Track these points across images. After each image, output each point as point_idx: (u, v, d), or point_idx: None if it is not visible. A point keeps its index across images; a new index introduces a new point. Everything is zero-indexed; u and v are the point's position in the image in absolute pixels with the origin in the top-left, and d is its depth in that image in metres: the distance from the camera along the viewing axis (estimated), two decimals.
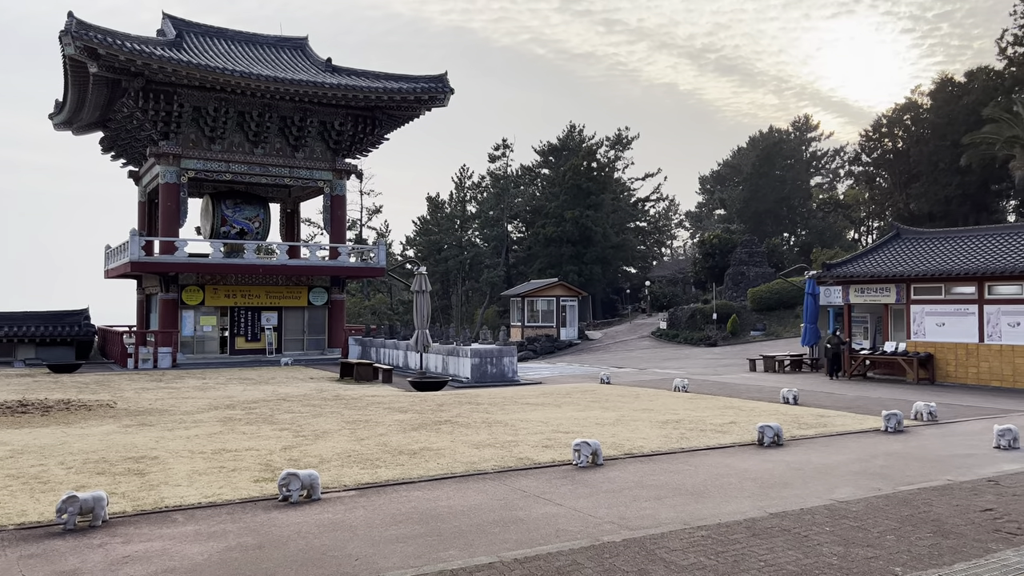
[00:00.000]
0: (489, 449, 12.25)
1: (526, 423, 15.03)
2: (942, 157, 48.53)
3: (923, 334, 24.43)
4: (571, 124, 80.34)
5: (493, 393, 21.27)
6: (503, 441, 12.97)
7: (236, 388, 22.58)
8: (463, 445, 12.60)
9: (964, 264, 23.25)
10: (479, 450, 12.15)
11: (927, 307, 24.33)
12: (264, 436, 13.61)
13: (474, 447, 12.42)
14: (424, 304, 27.42)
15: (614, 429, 14.24)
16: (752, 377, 27.15)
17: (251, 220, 37.79)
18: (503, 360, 26.73)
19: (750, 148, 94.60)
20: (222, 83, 32.24)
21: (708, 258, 53.66)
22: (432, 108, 37.41)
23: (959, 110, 48.14)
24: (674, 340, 44.73)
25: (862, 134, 58.99)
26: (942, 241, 26.41)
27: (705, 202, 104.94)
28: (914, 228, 29.15)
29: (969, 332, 23.18)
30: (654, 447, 12.49)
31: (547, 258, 68.00)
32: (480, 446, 12.51)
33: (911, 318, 24.78)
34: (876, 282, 25.57)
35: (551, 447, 12.42)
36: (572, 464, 11.16)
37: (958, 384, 23.21)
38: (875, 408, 17.64)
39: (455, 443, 12.79)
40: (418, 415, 16.31)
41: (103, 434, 13.88)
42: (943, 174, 48.63)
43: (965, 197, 45.96)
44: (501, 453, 11.90)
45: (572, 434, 13.62)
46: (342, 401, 19.15)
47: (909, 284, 24.77)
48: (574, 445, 11.25)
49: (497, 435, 13.60)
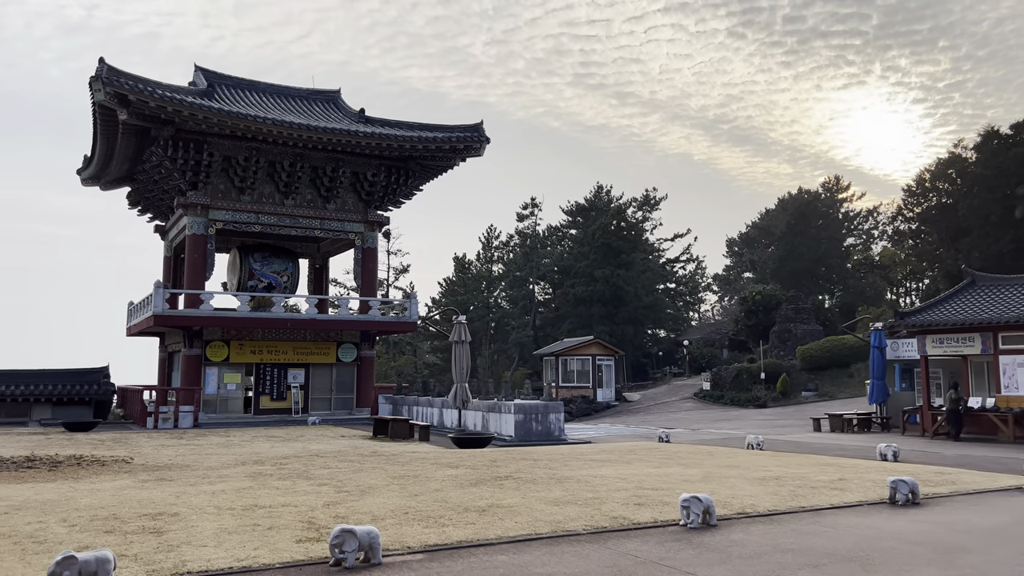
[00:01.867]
0: (571, 507, 10.23)
1: (600, 479, 12.98)
2: (993, 210, 46.61)
3: (1016, 387, 22.13)
4: (598, 184, 79.44)
5: (546, 450, 19.20)
6: (584, 498, 10.94)
7: (263, 445, 20.66)
8: (538, 502, 10.59)
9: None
10: (559, 507, 10.14)
11: (1020, 358, 22.10)
12: (301, 491, 11.68)
13: (552, 504, 10.41)
14: (464, 355, 25.60)
15: (706, 486, 12.16)
16: (823, 437, 24.83)
17: (279, 274, 36.43)
18: (549, 417, 24.70)
19: (779, 210, 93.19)
20: (253, 131, 31.32)
21: (751, 315, 51.48)
22: (467, 158, 36.30)
23: (1008, 161, 46.45)
24: (719, 401, 42.31)
25: (905, 189, 57.38)
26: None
27: (733, 264, 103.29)
28: (991, 274, 27.07)
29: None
30: (768, 505, 10.41)
31: (577, 318, 66.13)
32: (559, 503, 10.50)
33: (1001, 370, 22.53)
34: (959, 331, 23.42)
35: (645, 505, 10.38)
36: (679, 524, 9.15)
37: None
38: (991, 466, 15.42)
39: (527, 500, 10.78)
40: (472, 470, 14.31)
41: (116, 489, 12.01)
42: (995, 228, 46.61)
43: (1019, 251, 43.83)
44: (588, 511, 9.88)
45: (661, 491, 11.57)
46: (382, 457, 17.17)
47: (997, 332, 22.61)
48: (681, 501, 9.23)
49: (573, 492, 11.57)
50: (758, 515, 9.85)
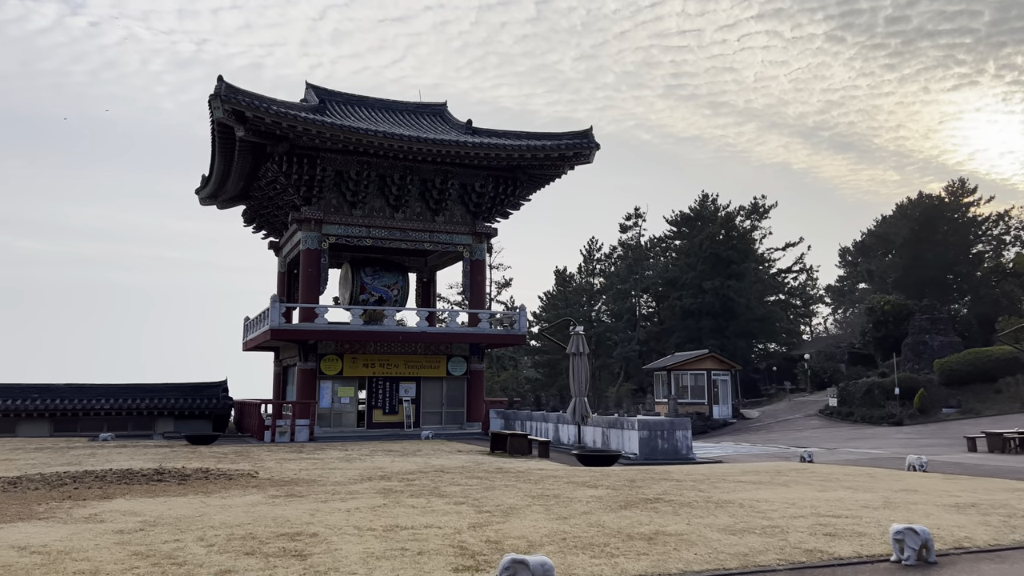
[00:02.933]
0: (750, 536, 8.93)
1: (767, 504, 11.58)
2: None
3: None
4: (703, 193, 76.90)
5: (682, 470, 17.80)
6: (758, 526, 9.61)
7: (383, 460, 20.11)
8: (708, 529, 9.33)
9: None
10: (737, 536, 8.86)
11: None
12: (439, 511, 10.81)
13: (726, 532, 9.13)
14: (582, 368, 24.48)
15: (894, 513, 10.60)
16: (986, 458, 22.35)
17: (390, 288, 36.35)
18: (676, 434, 23.21)
19: (899, 216, 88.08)
20: (364, 144, 31.33)
21: (879, 327, 48.13)
22: (576, 166, 35.33)
23: None
24: (848, 419, 39.52)
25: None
26: None
27: (847, 275, 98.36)
28: None
29: None
30: (986, 539, 8.82)
31: (684, 332, 63.83)
32: (733, 531, 9.21)
33: None
34: None
35: (837, 536, 8.96)
36: (891, 560, 7.75)
37: None
38: None
39: (695, 527, 9.54)
40: (613, 491, 13.14)
41: (248, 505, 11.48)
42: None
43: None
44: (772, 542, 8.57)
45: (846, 519, 10.10)
46: (509, 474, 16.22)
47: None
48: (894, 533, 7.82)
49: (742, 518, 10.24)
50: (980, 550, 8.30)
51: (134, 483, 14.35)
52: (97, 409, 34.03)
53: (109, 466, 17.82)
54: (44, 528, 9.48)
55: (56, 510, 10.99)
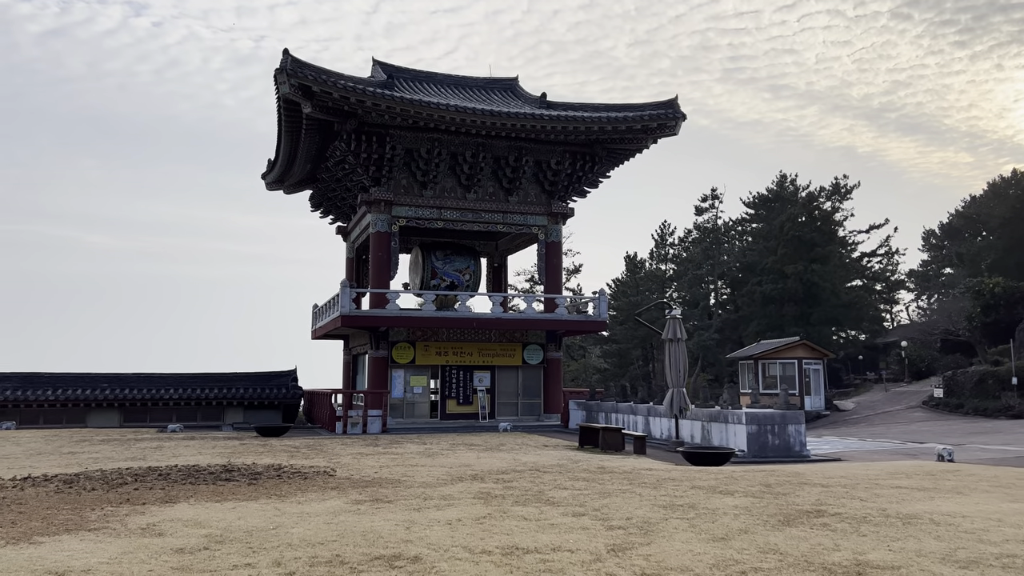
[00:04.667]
0: (992, 572, 6.70)
1: (965, 520, 9.26)
2: None
3: None
4: (781, 174, 73.11)
5: (812, 471, 15.47)
6: (989, 554, 7.35)
7: (467, 455, 18.30)
8: (926, 560, 7.12)
9: None
10: (973, 572, 6.65)
11: None
12: (560, 525, 8.84)
13: (954, 565, 6.91)
14: (680, 356, 22.24)
15: None
16: None
17: (461, 272, 34.61)
18: (788, 429, 20.83)
19: (991, 195, 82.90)
20: (436, 120, 29.56)
21: (988, 311, 44.31)
22: (659, 138, 32.92)
23: None
24: (958, 411, 36.22)
25: None
26: None
27: (932, 259, 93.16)
28: None
29: None
30: None
31: (765, 319, 60.58)
32: (962, 564, 6.99)
33: None
34: None
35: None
36: None
37: None
38: None
39: (903, 555, 7.34)
40: (755, 499, 10.99)
41: (329, 513, 9.72)
42: None
43: None
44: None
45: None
46: (616, 475, 14.18)
47: None
48: None
49: (952, 541, 7.98)
50: None
51: (200, 482, 12.82)
52: (166, 399, 33.27)
53: (175, 461, 16.44)
54: (92, 544, 7.86)
55: (110, 518, 9.41)
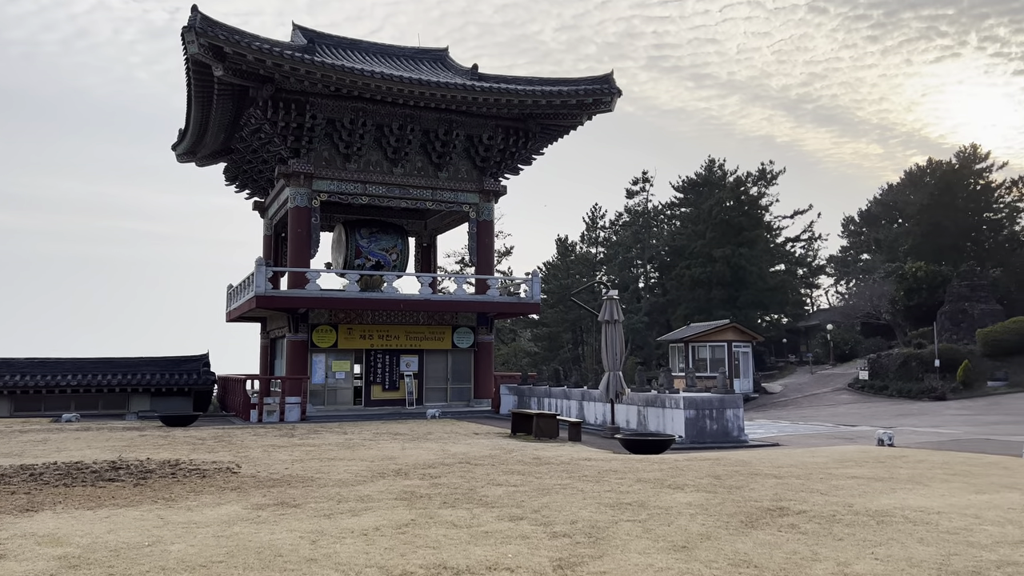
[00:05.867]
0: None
1: (941, 517, 8.41)
2: None
3: None
4: (710, 158, 73.46)
5: (756, 458, 14.65)
6: (987, 562, 6.43)
7: (391, 446, 16.88)
8: (920, 571, 6.14)
9: None
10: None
11: None
12: (495, 533, 7.58)
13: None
14: (616, 338, 21.31)
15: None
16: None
17: (388, 251, 32.93)
18: (726, 413, 20.18)
19: (907, 183, 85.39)
20: (360, 87, 27.75)
21: (911, 295, 45.15)
22: (594, 115, 31.88)
23: None
24: (882, 393, 36.65)
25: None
26: None
27: (851, 245, 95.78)
28: None
29: None
30: None
31: (693, 302, 60.80)
32: (960, 575, 6.03)
33: None
34: None
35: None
36: None
37: None
38: None
39: (892, 566, 6.34)
40: (709, 495, 9.97)
41: (222, 523, 8.21)
42: None
43: None
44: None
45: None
46: (554, 466, 13.03)
47: None
48: None
49: (940, 545, 7.06)
50: None
51: (77, 484, 11.06)
52: (63, 386, 30.61)
53: (56, 457, 14.51)
54: None
55: None
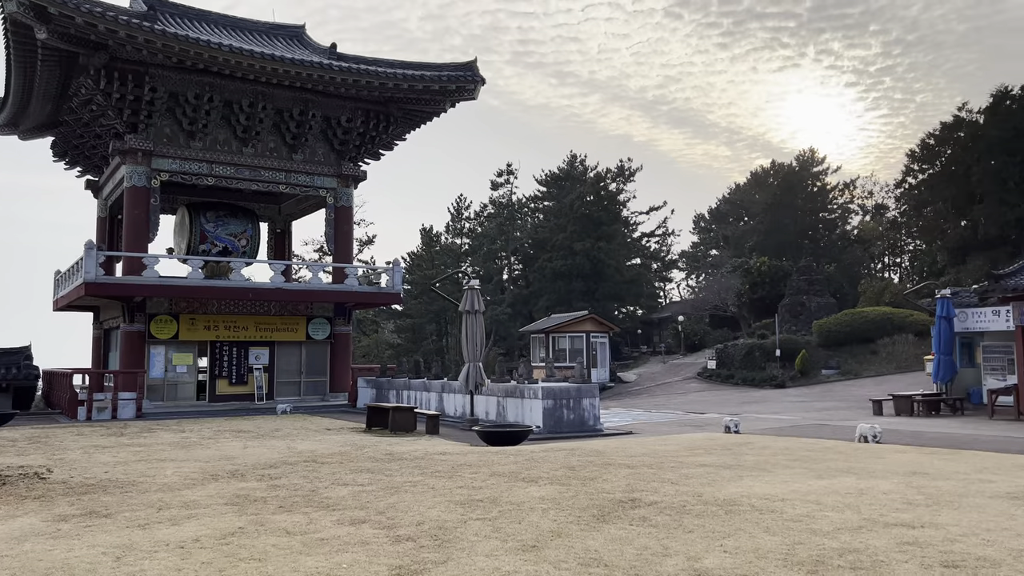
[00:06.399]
0: (847, 575, 5.73)
1: (786, 505, 8.52)
2: (1011, 175, 43.61)
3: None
4: (572, 154, 74.96)
5: (609, 447, 14.68)
6: (831, 550, 6.44)
7: (233, 444, 15.71)
8: (770, 563, 6.05)
9: None
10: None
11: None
12: (332, 540, 6.92)
13: (803, 571, 5.89)
14: (477, 328, 20.98)
15: (960, 515, 7.83)
16: (904, 422, 20.97)
17: (236, 237, 31.08)
18: (583, 403, 20.35)
19: (753, 184, 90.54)
20: (206, 60, 25.90)
21: (756, 288, 47.72)
22: (458, 102, 31.37)
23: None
24: (728, 381, 38.48)
25: (908, 154, 54.17)
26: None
27: (701, 241, 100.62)
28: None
29: None
30: None
31: (554, 294, 61.73)
32: (809, 566, 5.98)
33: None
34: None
35: (959, 567, 5.95)
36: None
37: None
38: None
39: (742, 559, 6.24)
40: (562, 487, 9.73)
41: (12, 539, 7.08)
42: (1012, 194, 43.63)
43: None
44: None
45: (922, 529, 7.17)
46: (407, 462, 12.45)
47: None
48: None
49: (787, 535, 7.07)
50: None
51: None
52: None
53: None
54: None
55: None
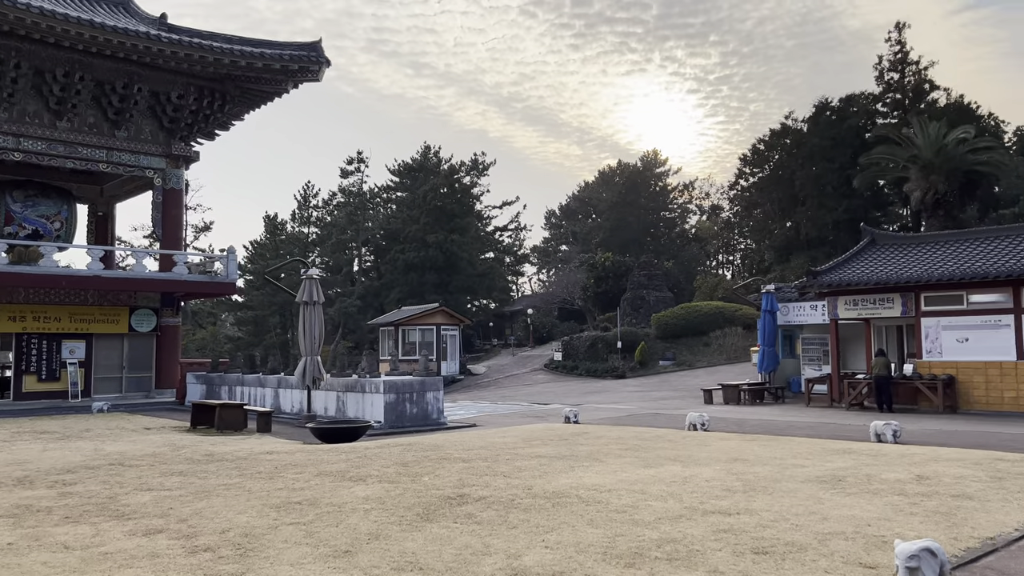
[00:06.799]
0: (662, 567, 5.66)
1: (612, 495, 8.51)
2: (829, 180, 47.35)
3: (939, 352, 20.42)
4: (426, 145, 74.19)
5: (449, 441, 14.37)
6: (649, 540, 6.39)
7: (30, 447, 14.08)
8: (588, 557, 5.91)
9: (990, 267, 19.51)
10: (642, 572, 5.55)
11: (944, 320, 20.38)
12: (118, 553, 6.13)
13: (620, 563, 5.77)
14: (315, 320, 20.06)
15: (773, 500, 8.12)
16: (732, 410, 22.09)
17: (49, 219, 28.25)
18: (426, 396, 19.91)
19: (601, 182, 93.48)
20: (12, 22, 23.23)
21: (600, 282, 49.11)
22: (301, 83, 29.97)
23: (843, 132, 47.33)
24: (573, 372, 39.35)
25: (741, 158, 57.67)
26: (929, 247, 22.83)
27: (552, 236, 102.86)
28: (890, 233, 25.72)
29: (1003, 348, 19.36)
30: (942, 537, 6.48)
31: (406, 286, 60.97)
32: (626, 558, 5.88)
33: (923, 334, 20.73)
34: (878, 291, 21.40)
35: (769, 553, 6.05)
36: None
37: (990, 412, 19.23)
38: (1019, 446, 12.84)
39: (562, 554, 6.06)
40: (391, 485, 9.29)
41: None
42: (830, 198, 47.39)
43: (853, 221, 44.68)
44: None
45: (738, 516, 7.33)
46: (227, 463, 11.56)
47: (919, 293, 20.77)
48: (904, 560, 5.03)
49: (608, 526, 6.99)
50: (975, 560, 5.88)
51: None
52: None
53: None
54: None
55: None
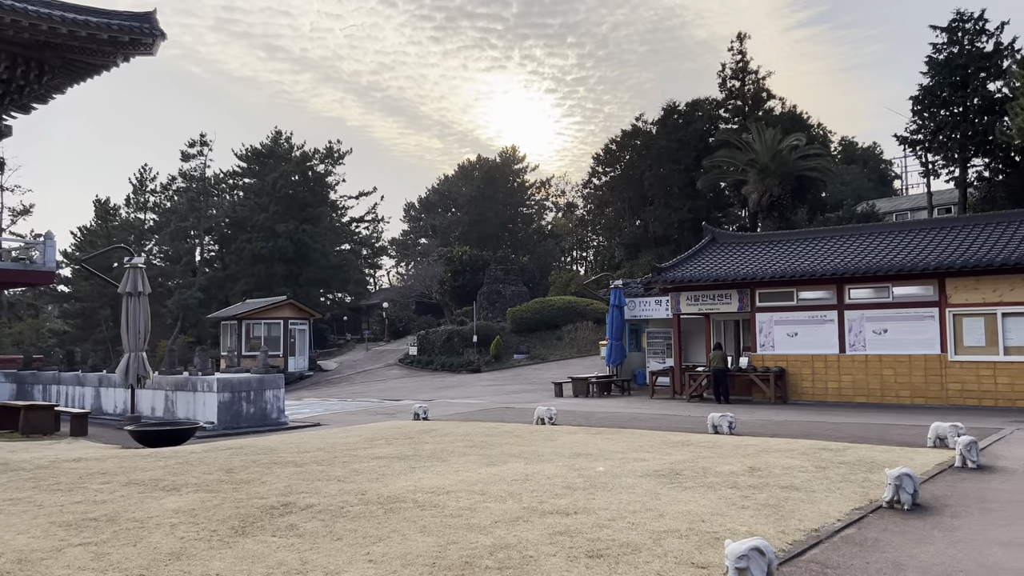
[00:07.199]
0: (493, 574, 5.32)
1: (450, 498, 8.11)
2: (675, 181, 49.34)
3: (772, 346, 21.55)
4: (277, 130, 70.89)
5: (286, 442, 13.51)
6: (482, 548, 6.04)
7: None
8: (413, 572, 5.46)
9: (817, 266, 20.79)
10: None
11: (777, 315, 21.52)
12: None
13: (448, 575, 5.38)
14: (140, 313, 18.43)
15: (612, 497, 8.02)
16: (581, 403, 22.37)
17: None
18: (265, 395, 18.83)
19: (460, 176, 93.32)
20: None
21: (458, 276, 48.74)
22: (132, 57, 27.23)
23: (689, 135, 49.45)
24: (429, 367, 38.82)
25: (594, 157, 59.06)
26: (764, 246, 24.14)
27: (411, 229, 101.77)
28: (729, 232, 26.93)
29: (828, 342, 20.68)
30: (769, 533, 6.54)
31: (253, 278, 58.15)
32: (456, 570, 5.49)
33: (758, 328, 21.82)
34: (717, 288, 22.31)
35: (604, 556, 5.85)
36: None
37: (816, 401, 20.51)
38: (840, 434, 13.60)
39: (386, 568, 5.59)
40: (210, 495, 8.46)
41: None
42: (676, 198, 49.39)
43: (696, 220, 46.83)
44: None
45: (576, 515, 7.13)
46: (22, 473, 10.23)
47: (754, 289, 21.84)
48: (734, 560, 4.94)
49: (441, 533, 6.59)
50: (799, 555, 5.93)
51: None
52: None
53: None
54: None
55: None
